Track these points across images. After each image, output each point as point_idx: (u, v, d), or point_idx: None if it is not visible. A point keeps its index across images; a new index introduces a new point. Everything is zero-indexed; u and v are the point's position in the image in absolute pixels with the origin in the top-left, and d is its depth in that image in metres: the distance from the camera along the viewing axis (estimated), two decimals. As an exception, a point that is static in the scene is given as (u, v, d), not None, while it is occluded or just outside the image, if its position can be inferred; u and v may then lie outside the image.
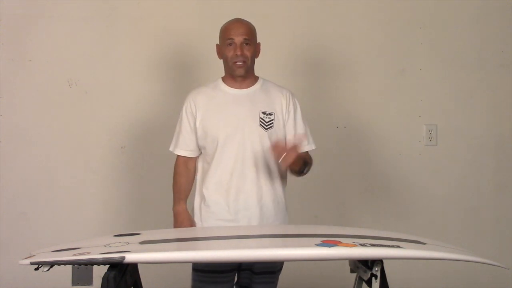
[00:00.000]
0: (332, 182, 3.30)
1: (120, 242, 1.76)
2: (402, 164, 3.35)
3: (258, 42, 2.31)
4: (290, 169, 2.24)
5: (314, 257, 1.74)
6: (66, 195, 3.13)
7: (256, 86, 2.30)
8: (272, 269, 2.28)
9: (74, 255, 1.61)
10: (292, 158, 2.14)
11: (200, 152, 2.32)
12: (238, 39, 2.22)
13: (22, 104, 3.12)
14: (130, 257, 1.58)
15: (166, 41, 3.19)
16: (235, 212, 2.21)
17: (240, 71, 2.24)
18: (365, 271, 1.75)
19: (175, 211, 2.33)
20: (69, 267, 2.72)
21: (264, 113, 2.25)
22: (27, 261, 1.58)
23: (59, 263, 1.58)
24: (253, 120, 2.23)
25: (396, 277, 2.17)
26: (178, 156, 2.34)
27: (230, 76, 2.28)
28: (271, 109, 2.26)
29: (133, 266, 1.84)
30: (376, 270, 1.70)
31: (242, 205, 2.21)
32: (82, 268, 2.87)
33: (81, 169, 3.14)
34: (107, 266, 1.61)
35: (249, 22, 2.29)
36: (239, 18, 2.30)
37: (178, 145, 2.32)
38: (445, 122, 3.38)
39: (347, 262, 1.96)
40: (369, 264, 1.74)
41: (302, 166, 2.23)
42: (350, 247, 1.66)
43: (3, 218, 3.08)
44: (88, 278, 3.10)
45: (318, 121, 3.19)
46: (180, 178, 2.34)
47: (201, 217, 2.27)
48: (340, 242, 1.70)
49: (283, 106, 2.28)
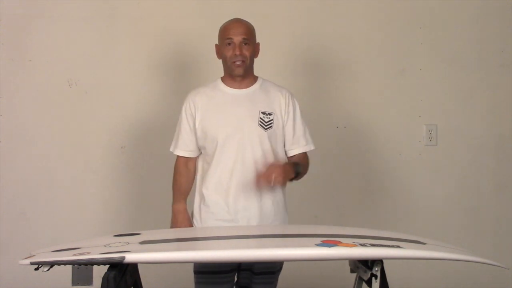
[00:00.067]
0: (332, 182, 3.30)
1: (120, 242, 1.76)
2: (402, 164, 3.35)
3: (257, 42, 2.31)
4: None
5: (314, 257, 1.73)
6: (66, 195, 3.13)
7: (256, 86, 2.30)
8: (272, 270, 2.28)
9: (74, 255, 1.61)
10: (281, 175, 2.14)
11: (200, 152, 2.32)
12: (237, 39, 2.21)
13: (22, 104, 3.12)
14: (130, 257, 1.58)
15: (166, 41, 3.19)
16: (235, 212, 2.21)
17: (239, 71, 2.23)
18: (365, 271, 1.75)
19: (175, 209, 2.33)
20: (69, 267, 2.72)
21: (264, 113, 2.24)
22: (27, 261, 1.58)
23: (59, 263, 1.58)
24: (253, 120, 2.22)
25: (396, 277, 2.17)
26: (178, 157, 2.34)
27: (229, 76, 2.28)
28: (271, 109, 2.26)
29: (133, 266, 1.84)
30: (376, 270, 1.71)
31: (242, 206, 2.20)
32: (82, 268, 2.88)
33: (81, 169, 3.14)
34: (107, 266, 1.61)
35: (248, 22, 2.28)
36: (238, 18, 2.29)
37: (178, 146, 2.32)
38: (445, 122, 3.38)
39: (347, 262, 1.96)
40: (369, 264, 1.74)
41: (295, 172, 2.22)
42: (350, 247, 1.66)
43: (3, 218, 3.09)
44: (88, 278, 3.10)
45: (318, 121, 3.20)
46: (180, 178, 2.34)
47: (201, 217, 2.27)
48: (340, 242, 1.70)
49: (283, 106, 2.28)
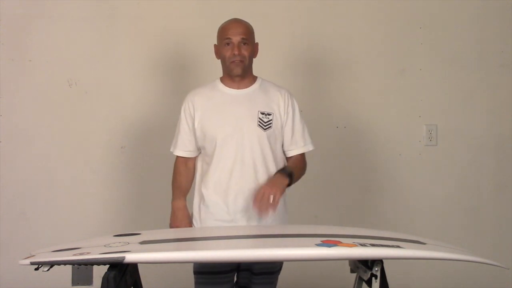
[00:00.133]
0: (332, 182, 3.30)
1: (120, 242, 1.76)
2: (402, 164, 3.35)
3: (256, 42, 2.30)
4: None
5: (314, 257, 1.73)
6: (66, 195, 3.13)
7: (255, 86, 2.29)
8: (271, 270, 2.27)
9: (74, 255, 1.61)
10: (278, 194, 2.10)
11: (200, 152, 2.32)
12: (236, 39, 2.20)
13: (22, 104, 3.12)
14: (130, 257, 1.58)
15: (166, 41, 3.19)
16: (234, 213, 2.21)
17: (238, 70, 2.22)
18: (365, 271, 1.75)
19: (175, 206, 2.32)
20: (69, 267, 2.72)
21: (263, 113, 2.23)
22: (27, 261, 1.59)
23: (59, 263, 1.59)
24: (252, 120, 2.22)
25: (396, 277, 2.17)
26: (178, 156, 2.34)
27: (228, 76, 2.27)
28: (270, 109, 2.25)
29: (133, 266, 1.84)
30: (376, 270, 1.71)
31: (241, 206, 2.20)
32: (82, 268, 2.88)
33: (81, 169, 3.14)
34: (107, 266, 1.61)
35: (247, 22, 2.28)
36: (237, 18, 2.29)
37: (177, 146, 2.32)
38: (445, 122, 3.38)
39: (347, 262, 1.96)
40: (369, 264, 1.74)
41: (290, 179, 2.20)
42: (350, 247, 1.66)
43: (3, 218, 3.09)
44: (88, 278, 3.10)
45: (318, 121, 3.20)
46: (180, 177, 2.34)
47: (200, 218, 2.27)
48: (340, 242, 1.70)
49: (282, 107, 2.27)
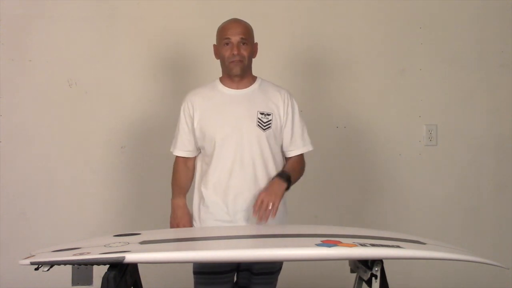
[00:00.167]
0: (332, 182, 3.30)
1: (120, 242, 1.76)
2: (402, 164, 3.35)
3: (256, 42, 2.30)
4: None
5: (314, 257, 1.73)
6: (66, 195, 3.13)
7: (254, 86, 2.29)
8: (271, 270, 2.27)
9: (74, 255, 1.61)
10: (276, 201, 2.12)
11: (199, 152, 2.32)
12: (235, 39, 2.20)
13: (22, 104, 3.12)
14: (130, 257, 1.58)
15: (166, 41, 3.19)
16: (234, 213, 2.21)
17: (237, 70, 2.22)
18: (365, 271, 1.76)
19: (174, 204, 2.32)
20: (69, 267, 2.72)
21: (262, 114, 2.23)
22: (27, 261, 1.59)
23: (59, 263, 1.59)
24: (251, 121, 2.21)
25: (396, 277, 2.17)
26: (177, 156, 2.34)
27: (228, 77, 2.27)
28: (269, 110, 2.25)
29: (133, 266, 1.84)
30: (376, 270, 1.71)
31: (241, 206, 2.20)
32: (82, 268, 2.88)
33: (81, 169, 3.14)
34: (107, 266, 1.61)
35: (246, 22, 2.27)
36: (236, 18, 2.28)
37: (177, 146, 2.32)
38: (445, 122, 3.38)
39: (347, 262, 1.96)
40: (369, 264, 1.74)
41: (288, 182, 2.21)
42: (350, 247, 1.67)
43: (3, 218, 3.08)
44: (88, 278, 3.10)
45: (318, 121, 3.20)
46: (180, 175, 2.34)
47: (200, 218, 2.27)
48: (340, 242, 1.70)
49: (281, 107, 2.27)
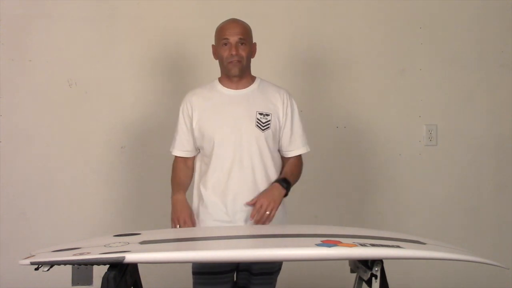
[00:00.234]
0: (332, 182, 3.30)
1: (120, 242, 1.76)
2: (402, 164, 3.35)
3: (254, 42, 2.29)
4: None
5: (314, 257, 1.73)
6: (66, 195, 3.13)
7: (253, 86, 2.29)
8: (270, 270, 2.26)
9: (74, 255, 1.61)
10: (274, 208, 2.14)
11: (198, 151, 2.32)
12: (233, 39, 2.20)
13: (22, 104, 3.12)
14: (130, 257, 1.58)
15: (166, 41, 3.19)
16: (233, 213, 2.20)
17: (235, 71, 2.22)
18: (365, 271, 1.76)
19: (174, 200, 2.30)
20: (69, 267, 2.72)
21: (261, 114, 2.23)
22: (27, 261, 1.59)
23: (59, 263, 1.59)
24: (250, 121, 2.21)
25: (396, 277, 2.17)
26: (176, 156, 2.34)
27: (226, 77, 2.27)
28: (268, 110, 2.24)
29: (133, 266, 1.84)
30: (376, 270, 1.71)
31: (239, 206, 2.20)
32: (82, 268, 2.87)
33: (81, 169, 3.14)
34: (107, 266, 1.61)
35: (244, 22, 2.27)
36: (235, 18, 2.28)
37: (175, 146, 2.32)
38: (445, 122, 3.38)
39: (347, 262, 1.96)
40: (369, 264, 1.74)
41: (289, 189, 2.23)
42: (350, 247, 1.66)
43: (3, 218, 3.08)
44: (88, 278, 3.10)
45: (318, 121, 3.20)
46: (179, 173, 2.34)
47: (199, 218, 2.27)
48: (340, 242, 1.70)
49: (281, 107, 2.26)
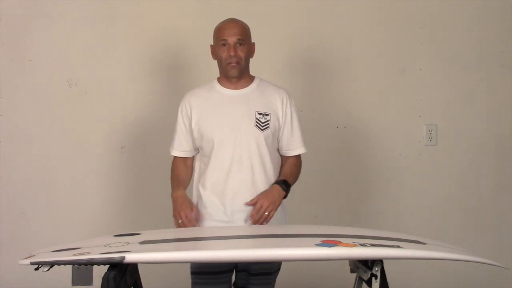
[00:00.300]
0: (332, 182, 3.30)
1: (120, 242, 1.76)
2: (402, 164, 3.35)
3: (253, 42, 2.29)
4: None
5: (314, 257, 1.73)
6: (66, 195, 3.13)
7: (252, 86, 2.28)
8: (268, 271, 2.25)
9: (74, 255, 1.61)
10: (273, 209, 2.15)
11: (197, 151, 2.31)
12: (232, 40, 2.19)
13: (22, 104, 3.12)
14: (130, 257, 1.58)
15: (166, 41, 3.19)
16: (231, 213, 2.20)
17: (234, 72, 2.22)
18: (365, 271, 1.75)
19: (174, 196, 2.25)
20: (69, 267, 2.72)
21: (260, 114, 2.22)
22: (27, 261, 1.59)
23: (59, 263, 1.59)
24: (249, 121, 2.21)
25: (396, 277, 2.17)
26: (175, 156, 2.33)
27: (225, 77, 2.26)
28: (267, 110, 2.24)
29: (133, 266, 1.84)
30: (376, 270, 1.71)
31: (238, 206, 2.19)
32: (82, 268, 2.87)
33: (81, 169, 3.14)
34: (107, 266, 1.61)
35: (243, 22, 2.26)
36: (233, 18, 2.27)
37: (174, 147, 2.32)
38: (445, 122, 3.38)
39: (347, 262, 1.96)
40: (369, 264, 1.74)
41: (288, 190, 2.23)
42: (350, 247, 1.66)
43: (3, 218, 3.08)
44: (88, 278, 3.10)
45: (318, 121, 3.20)
46: (178, 172, 2.32)
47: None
48: (340, 242, 1.70)
49: (280, 107, 2.26)
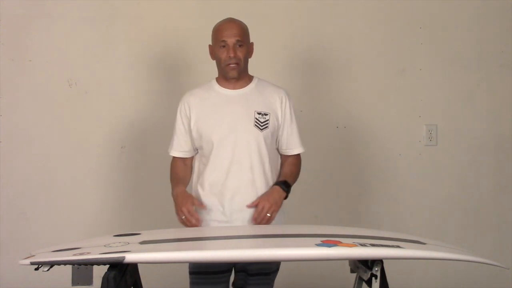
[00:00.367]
0: (332, 182, 3.30)
1: (120, 242, 1.76)
2: (402, 164, 3.35)
3: (251, 42, 2.28)
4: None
5: (314, 257, 1.73)
6: (66, 195, 3.13)
7: (251, 86, 2.28)
8: (267, 271, 2.25)
9: (74, 255, 1.61)
10: (275, 210, 2.15)
11: (197, 152, 2.31)
12: (231, 41, 2.19)
13: (22, 104, 3.12)
14: (130, 257, 1.58)
15: (166, 41, 3.19)
16: (230, 213, 2.20)
17: (234, 74, 2.21)
18: (365, 271, 1.76)
19: (174, 193, 2.23)
20: (69, 267, 2.70)
21: (259, 113, 2.22)
22: (27, 261, 1.59)
23: (59, 263, 1.59)
24: (248, 121, 2.21)
25: (396, 277, 2.17)
26: (174, 157, 2.33)
27: (224, 77, 2.26)
28: (267, 109, 2.24)
29: (133, 266, 1.84)
30: (376, 270, 1.71)
31: (237, 207, 2.19)
32: (82, 268, 2.85)
33: (81, 169, 3.14)
34: (107, 266, 1.61)
35: (241, 22, 2.26)
36: (231, 18, 2.27)
37: (173, 147, 2.31)
38: (445, 122, 3.38)
39: (347, 262, 1.96)
40: (369, 264, 1.74)
41: (289, 191, 2.23)
42: (350, 247, 1.66)
43: (3, 218, 3.08)
44: (88, 278, 3.10)
45: (318, 121, 3.20)
46: (178, 170, 2.31)
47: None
48: (340, 242, 1.70)
49: (279, 106, 2.26)
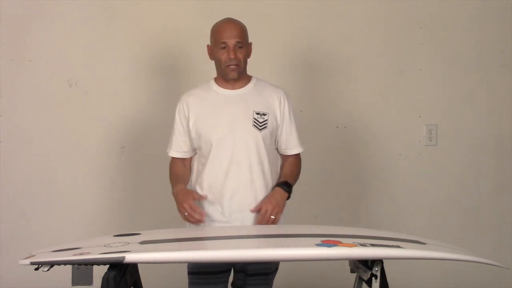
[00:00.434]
0: (332, 182, 3.30)
1: (120, 242, 1.76)
2: (402, 164, 3.35)
3: (250, 42, 2.29)
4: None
5: (314, 257, 1.73)
6: (66, 195, 3.13)
7: (250, 86, 2.28)
8: (266, 271, 2.25)
9: (74, 255, 1.61)
10: (279, 211, 2.15)
11: (195, 152, 2.31)
12: (231, 42, 2.18)
13: (22, 104, 3.12)
14: (130, 257, 1.58)
15: (166, 41, 3.19)
16: (229, 214, 2.19)
17: (234, 75, 2.21)
18: (365, 271, 1.76)
19: (175, 191, 2.22)
20: (69, 267, 2.72)
21: (258, 113, 2.22)
22: (27, 261, 1.59)
23: (59, 263, 1.59)
24: (247, 121, 2.20)
25: (396, 277, 2.17)
26: (173, 157, 2.33)
27: (222, 77, 2.26)
28: (265, 109, 2.24)
29: (133, 266, 1.84)
30: (376, 270, 1.71)
31: (236, 207, 2.19)
32: (82, 268, 2.87)
33: (81, 169, 3.14)
34: (107, 266, 1.61)
35: (240, 22, 2.25)
36: (230, 18, 2.26)
37: (172, 147, 2.31)
38: (445, 122, 3.38)
39: (347, 262, 1.96)
40: (369, 264, 1.74)
41: (289, 188, 2.23)
42: (350, 247, 1.66)
43: (3, 218, 3.08)
44: (88, 278, 3.10)
45: (318, 121, 3.20)
46: (177, 170, 2.31)
47: None
48: (340, 242, 1.70)
49: (278, 107, 2.26)
